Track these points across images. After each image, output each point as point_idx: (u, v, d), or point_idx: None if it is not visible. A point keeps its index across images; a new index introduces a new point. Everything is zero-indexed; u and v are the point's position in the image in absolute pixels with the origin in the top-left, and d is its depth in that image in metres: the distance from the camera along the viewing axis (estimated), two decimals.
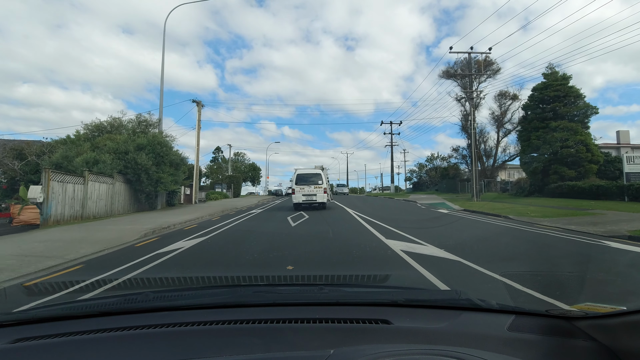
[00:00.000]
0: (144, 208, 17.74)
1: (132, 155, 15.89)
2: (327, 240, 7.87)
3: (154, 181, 16.55)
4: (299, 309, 1.49)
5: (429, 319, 1.39)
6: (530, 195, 24.54)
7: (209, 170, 64.16)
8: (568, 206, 16.96)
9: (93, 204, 13.93)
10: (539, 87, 24.61)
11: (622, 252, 6.39)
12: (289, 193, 48.00)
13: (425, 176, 55.51)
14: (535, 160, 23.50)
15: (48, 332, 1.27)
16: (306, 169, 19.53)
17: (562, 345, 1.20)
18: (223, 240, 8.45)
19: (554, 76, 24.00)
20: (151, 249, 7.18)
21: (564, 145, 22.23)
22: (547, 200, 20.05)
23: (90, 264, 6.11)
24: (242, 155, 70.64)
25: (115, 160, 15.52)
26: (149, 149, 16.60)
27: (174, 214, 15.59)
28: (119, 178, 15.95)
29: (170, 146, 18.30)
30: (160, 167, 16.88)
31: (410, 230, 9.24)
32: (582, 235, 8.38)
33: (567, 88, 23.20)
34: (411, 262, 5.39)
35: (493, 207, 17.32)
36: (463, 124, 36.39)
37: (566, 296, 3.67)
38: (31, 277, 5.25)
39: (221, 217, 15.25)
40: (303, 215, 13.88)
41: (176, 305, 1.58)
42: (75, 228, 10.93)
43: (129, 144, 16.13)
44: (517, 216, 13.46)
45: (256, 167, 68.70)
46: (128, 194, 16.66)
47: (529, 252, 6.62)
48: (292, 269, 5.06)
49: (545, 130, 23.13)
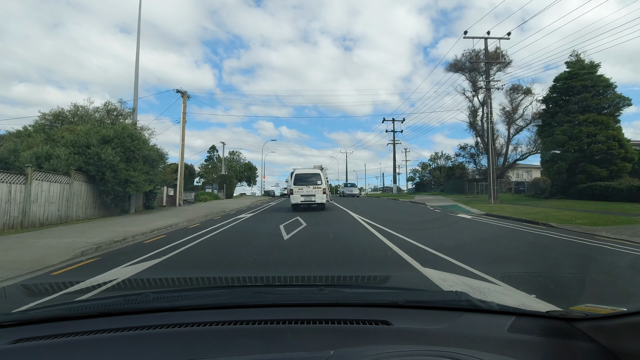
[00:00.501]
0: (112, 212, 15.06)
1: (94, 150, 13.21)
2: (334, 266, 5.29)
3: (122, 180, 13.88)
4: (299, 309, 1.48)
5: (429, 320, 1.37)
6: (551, 197, 22.06)
7: (203, 170, 61.65)
8: (609, 210, 14.47)
9: (39, 208, 11.24)
10: (562, 77, 22.13)
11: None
12: (285, 194, 43.67)
13: (428, 176, 53.13)
14: (560, 158, 21.00)
15: (48, 333, 1.27)
16: (305, 169, 18.56)
17: (562, 346, 1.19)
18: (186, 263, 5.89)
19: (580, 64, 21.54)
20: (57, 286, 4.50)
21: (593, 140, 19.79)
22: (576, 203, 17.56)
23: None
24: (237, 155, 67.37)
25: (73, 155, 12.84)
26: (116, 142, 13.92)
27: (146, 220, 12.95)
28: (78, 177, 13.27)
29: (145, 140, 15.63)
30: (131, 163, 14.21)
31: (445, 248, 6.67)
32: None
33: (595, 77, 20.74)
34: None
35: (520, 211, 14.81)
36: (471, 120, 34.03)
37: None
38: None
39: (202, 223, 12.66)
40: (299, 223, 11.29)
41: (176, 305, 1.56)
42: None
43: (91, 136, 13.45)
44: (559, 223, 10.98)
45: (252, 167, 65.69)
46: (91, 195, 13.97)
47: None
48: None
49: (571, 125, 20.66)
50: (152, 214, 15.78)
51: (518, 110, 33.22)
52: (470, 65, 31.52)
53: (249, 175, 64.47)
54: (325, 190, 17.03)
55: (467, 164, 40.14)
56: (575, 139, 20.04)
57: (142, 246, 7.92)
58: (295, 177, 16.99)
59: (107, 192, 14.04)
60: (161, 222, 12.16)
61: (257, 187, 65.51)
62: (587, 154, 19.92)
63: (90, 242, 7.88)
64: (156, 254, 6.62)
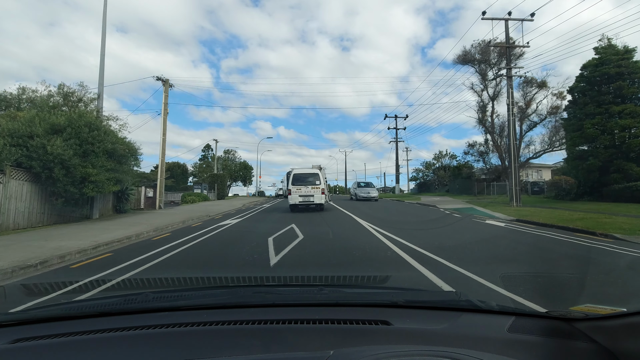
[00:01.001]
0: (69, 218, 12.38)
1: (39, 141, 10.55)
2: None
3: (77, 179, 11.23)
4: (299, 309, 1.47)
5: (429, 320, 1.36)
6: (578, 198, 19.61)
7: (197, 169, 58.92)
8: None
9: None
10: (590, 64, 19.66)
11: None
12: (280, 194, 40.68)
13: (432, 176, 50.71)
14: (591, 155, 18.55)
15: (47, 333, 1.26)
16: (303, 169, 17.92)
17: (562, 346, 1.18)
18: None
19: (612, 50, 19.09)
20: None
21: (630, 135, 17.35)
22: (616, 207, 15.09)
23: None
24: (232, 154, 63.34)
25: (10, 147, 10.17)
26: (70, 133, 11.25)
27: (101, 229, 10.31)
28: (18, 175, 10.60)
29: (110, 131, 12.97)
30: (89, 158, 11.53)
31: (517, 280, 4.15)
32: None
33: (631, 64, 18.28)
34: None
35: (559, 217, 12.30)
36: (480, 116, 31.59)
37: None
38: None
39: (173, 232, 10.10)
40: (296, 235, 8.72)
41: (176, 305, 1.55)
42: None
43: (36, 125, 10.77)
44: (625, 234, 8.62)
45: (248, 166, 62.15)
46: (37, 198, 11.26)
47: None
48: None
49: (603, 117, 18.22)
50: (119, 219, 13.12)
51: (531, 105, 30.87)
52: (481, 56, 29.18)
53: (245, 175, 60.67)
54: (324, 190, 16.49)
55: (475, 162, 37.67)
56: (609, 133, 17.62)
57: (69, 271, 5.55)
58: (293, 177, 16.44)
59: (57, 194, 11.38)
60: (119, 232, 9.55)
61: (253, 186, 61.31)
62: (624, 149, 17.46)
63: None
64: (64, 294, 4.06)
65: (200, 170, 57.84)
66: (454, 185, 39.29)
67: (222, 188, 39.64)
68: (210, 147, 60.41)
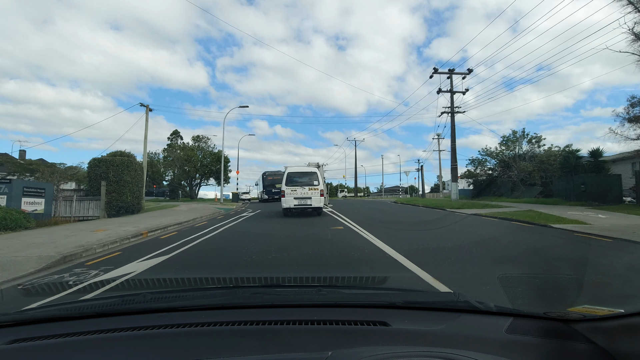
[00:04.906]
0: None
1: None
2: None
3: None
4: (297, 310, 1.46)
5: (427, 321, 1.36)
6: None
7: (162, 163, 45.46)
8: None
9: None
10: None
11: None
12: (266, 198, 29.14)
13: (497, 171, 29.97)
14: None
15: (45, 333, 1.25)
16: (299, 167, 15.78)
17: (560, 347, 1.18)
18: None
19: None
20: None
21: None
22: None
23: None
24: (205, 141, 45.03)
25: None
26: None
27: None
28: None
29: None
30: None
31: None
32: None
33: None
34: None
35: None
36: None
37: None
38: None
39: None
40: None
41: (174, 306, 1.54)
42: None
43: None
44: None
45: (224, 159, 35.85)
46: None
47: None
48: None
49: None
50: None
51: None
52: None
53: (218, 170, 37.89)
54: (322, 192, 14.45)
55: (623, 141, 17.09)
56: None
57: None
58: (287, 177, 14.26)
59: None
60: None
61: (233, 186, 41.39)
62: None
63: None
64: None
65: (165, 165, 44.67)
66: (561, 185, 22.20)
67: (175, 192, 33.49)
68: (178, 133, 46.32)
